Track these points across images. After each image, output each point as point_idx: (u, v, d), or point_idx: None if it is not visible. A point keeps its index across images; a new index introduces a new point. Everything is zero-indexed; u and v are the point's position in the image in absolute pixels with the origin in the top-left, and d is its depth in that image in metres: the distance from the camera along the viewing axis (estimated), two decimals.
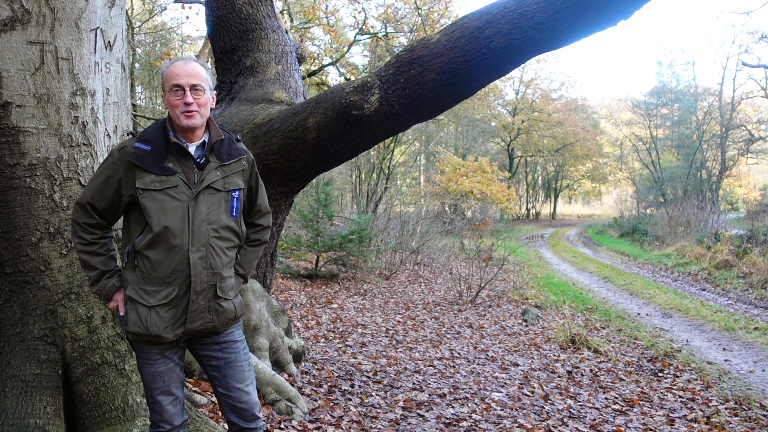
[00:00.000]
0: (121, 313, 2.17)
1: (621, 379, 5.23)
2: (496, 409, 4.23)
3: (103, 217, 2.19)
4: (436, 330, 7.04)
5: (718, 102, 30.23)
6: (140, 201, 2.09)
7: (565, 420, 4.11)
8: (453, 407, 4.22)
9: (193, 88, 2.14)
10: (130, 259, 2.15)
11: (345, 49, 15.78)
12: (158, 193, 2.10)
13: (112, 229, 2.28)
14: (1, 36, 2.56)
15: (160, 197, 2.10)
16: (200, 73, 2.17)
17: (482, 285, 9.45)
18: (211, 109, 2.26)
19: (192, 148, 2.20)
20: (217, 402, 2.35)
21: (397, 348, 6.03)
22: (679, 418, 4.27)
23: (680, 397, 4.78)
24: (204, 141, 2.23)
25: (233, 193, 2.23)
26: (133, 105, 11.42)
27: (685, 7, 65.42)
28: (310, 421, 3.66)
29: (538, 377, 5.19)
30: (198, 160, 2.18)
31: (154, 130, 2.20)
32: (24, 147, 2.62)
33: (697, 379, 5.28)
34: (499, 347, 6.33)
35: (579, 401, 4.57)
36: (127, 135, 2.26)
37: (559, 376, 5.25)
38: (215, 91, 2.30)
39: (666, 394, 4.84)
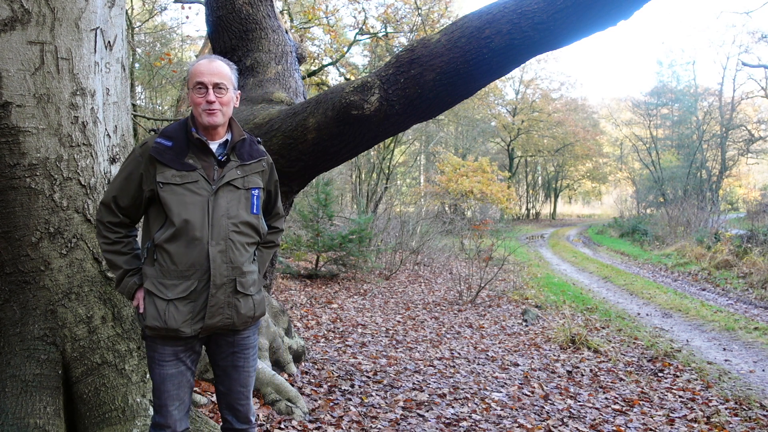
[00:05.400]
0: (140, 311, 2.17)
1: (621, 379, 5.23)
2: (496, 409, 4.23)
3: (126, 215, 2.21)
4: (436, 330, 7.04)
5: (718, 102, 30.25)
6: (161, 195, 2.10)
7: (565, 420, 4.11)
8: (453, 407, 4.22)
9: (216, 86, 2.15)
10: (149, 254, 2.16)
11: (345, 49, 15.78)
12: (178, 187, 2.11)
13: (135, 228, 2.29)
14: (1, 36, 2.56)
15: (180, 191, 2.11)
16: (224, 71, 2.18)
17: (482, 285, 9.45)
18: (234, 107, 2.27)
19: (214, 146, 2.21)
20: (216, 399, 2.38)
21: (397, 348, 6.03)
22: (679, 418, 4.27)
23: (680, 397, 4.78)
24: (226, 140, 2.24)
25: (253, 191, 2.24)
26: (133, 105, 11.42)
27: (685, 7, 65.45)
28: (310, 421, 3.66)
29: (538, 377, 5.19)
30: (219, 158, 2.20)
31: (176, 127, 2.21)
32: (24, 147, 2.62)
33: (697, 379, 5.28)
34: (499, 347, 6.33)
35: (579, 401, 4.57)
36: (149, 132, 2.28)
37: (559, 376, 5.25)
38: (239, 91, 2.32)
39: (666, 394, 4.84)
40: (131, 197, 2.18)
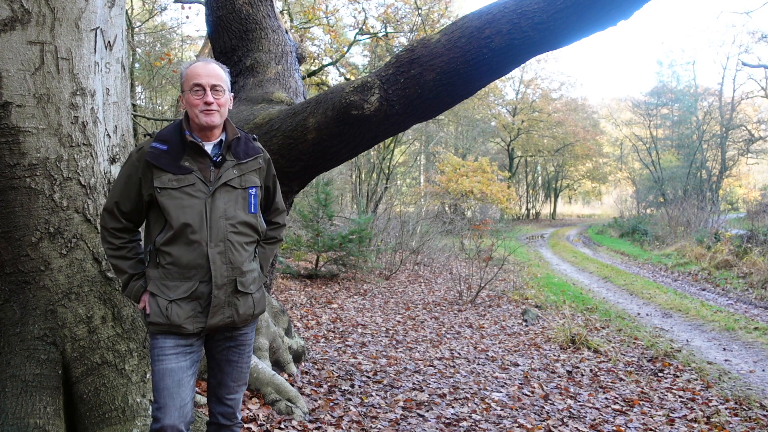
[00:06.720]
0: (147, 312, 2.20)
1: (621, 379, 5.23)
2: (496, 409, 4.23)
3: (129, 220, 2.25)
4: (436, 330, 7.04)
5: (718, 102, 30.26)
6: (159, 199, 2.14)
7: (565, 420, 4.11)
8: (453, 407, 4.22)
9: (214, 88, 2.19)
10: (152, 257, 2.21)
11: (345, 49, 15.78)
12: (176, 191, 2.15)
13: (139, 232, 2.33)
14: (1, 36, 2.56)
15: (177, 195, 2.15)
16: (220, 74, 2.24)
17: (482, 285, 9.45)
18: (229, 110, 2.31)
19: (209, 147, 2.24)
20: (206, 392, 2.40)
21: (397, 348, 6.03)
22: (679, 418, 4.27)
23: (680, 397, 4.78)
24: (221, 140, 2.28)
25: (250, 190, 2.28)
26: (133, 105, 11.42)
27: (685, 7, 65.48)
28: (310, 421, 3.66)
29: (538, 377, 5.19)
30: (215, 159, 2.23)
31: (171, 130, 2.24)
32: (24, 147, 2.62)
33: (697, 379, 5.28)
34: (499, 347, 6.33)
35: (579, 401, 4.57)
36: (144, 136, 2.32)
37: (559, 376, 5.25)
38: (232, 93, 2.36)
39: (666, 394, 4.84)
40: (133, 202, 2.22)
